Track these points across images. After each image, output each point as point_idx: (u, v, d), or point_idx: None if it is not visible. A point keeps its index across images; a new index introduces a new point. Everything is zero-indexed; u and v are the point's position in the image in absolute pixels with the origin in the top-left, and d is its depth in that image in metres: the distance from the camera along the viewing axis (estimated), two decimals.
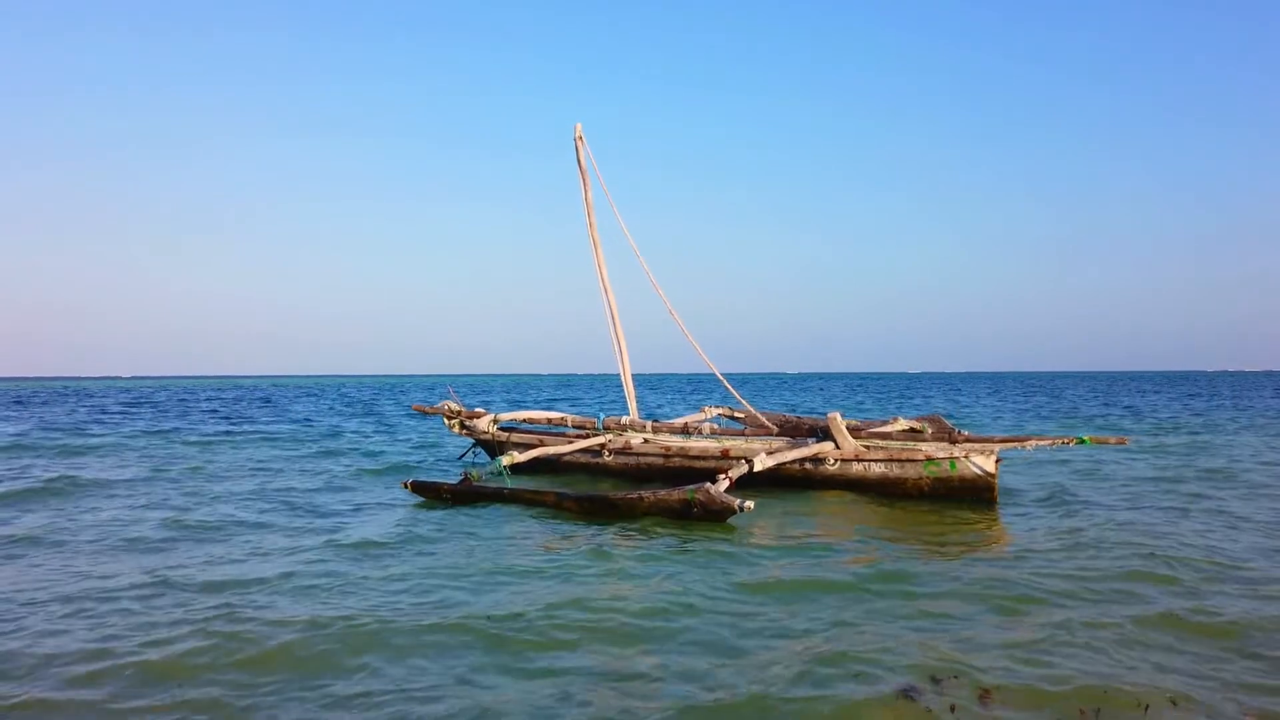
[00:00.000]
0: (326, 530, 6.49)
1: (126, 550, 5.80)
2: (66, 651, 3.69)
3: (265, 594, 4.59)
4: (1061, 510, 7.30)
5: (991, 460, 7.62)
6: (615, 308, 10.51)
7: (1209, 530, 6.40)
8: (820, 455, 7.98)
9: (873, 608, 4.31)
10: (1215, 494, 8.23)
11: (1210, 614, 4.14)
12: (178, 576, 4.96)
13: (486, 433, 10.42)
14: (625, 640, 3.84)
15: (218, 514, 7.20)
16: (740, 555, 5.52)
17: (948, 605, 4.33)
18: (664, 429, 9.66)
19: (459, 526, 6.58)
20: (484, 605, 4.31)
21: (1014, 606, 4.31)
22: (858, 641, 3.74)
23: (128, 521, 6.87)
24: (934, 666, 3.40)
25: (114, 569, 5.24)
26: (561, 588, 4.68)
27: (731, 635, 3.89)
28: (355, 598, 4.51)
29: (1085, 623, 3.97)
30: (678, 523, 6.57)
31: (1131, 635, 3.83)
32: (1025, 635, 3.82)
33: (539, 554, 5.57)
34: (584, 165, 10.35)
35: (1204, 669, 3.47)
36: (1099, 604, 4.37)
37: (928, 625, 4.02)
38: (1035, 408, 26.90)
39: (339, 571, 5.09)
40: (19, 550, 5.82)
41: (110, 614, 4.24)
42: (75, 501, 7.98)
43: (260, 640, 3.76)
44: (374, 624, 3.97)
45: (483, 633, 3.87)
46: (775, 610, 4.27)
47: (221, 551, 5.75)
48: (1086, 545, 5.74)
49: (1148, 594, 4.56)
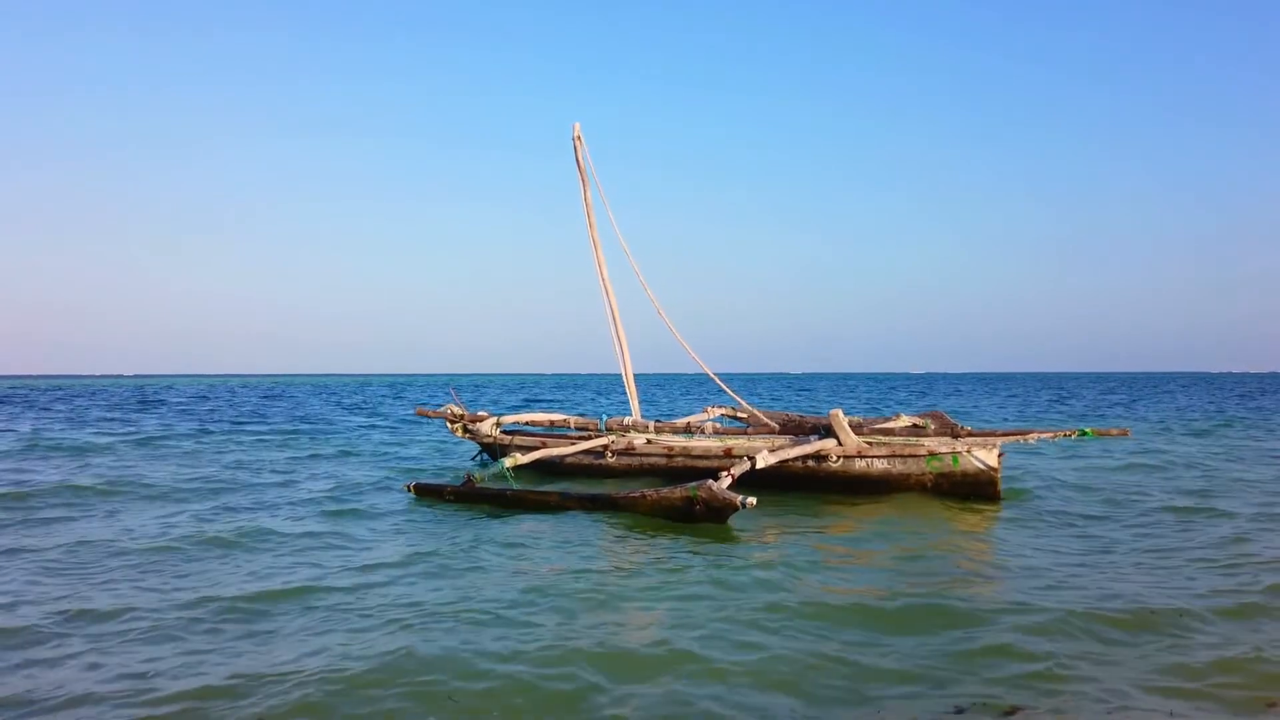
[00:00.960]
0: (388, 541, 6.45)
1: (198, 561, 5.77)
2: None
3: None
4: (1067, 513, 7.30)
5: (994, 454, 7.62)
6: (616, 308, 10.52)
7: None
8: (823, 452, 7.97)
9: (882, 618, 4.18)
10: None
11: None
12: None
13: (489, 436, 10.42)
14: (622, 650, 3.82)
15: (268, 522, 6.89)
16: (741, 557, 5.51)
17: (959, 615, 4.25)
18: (666, 429, 9.66)
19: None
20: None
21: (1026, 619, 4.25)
22: (866, 656, 3.62)
23: (178, 527, 6.72)
24: (957, 691, 3.27)
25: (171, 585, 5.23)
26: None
27: (729, 646, 3.74)
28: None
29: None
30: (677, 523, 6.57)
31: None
32: (1045, 656, 3.64)
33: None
34: (583, 165, 10.36)
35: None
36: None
37: (938, 636, 3.88)
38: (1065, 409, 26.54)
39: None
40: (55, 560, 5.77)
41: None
42: (114, 503, 7.85)
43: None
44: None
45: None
46: (783, 620, 4.13)
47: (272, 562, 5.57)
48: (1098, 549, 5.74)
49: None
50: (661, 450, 8.85)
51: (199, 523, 6.86)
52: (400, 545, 5.97)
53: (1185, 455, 11.51)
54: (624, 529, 6.40)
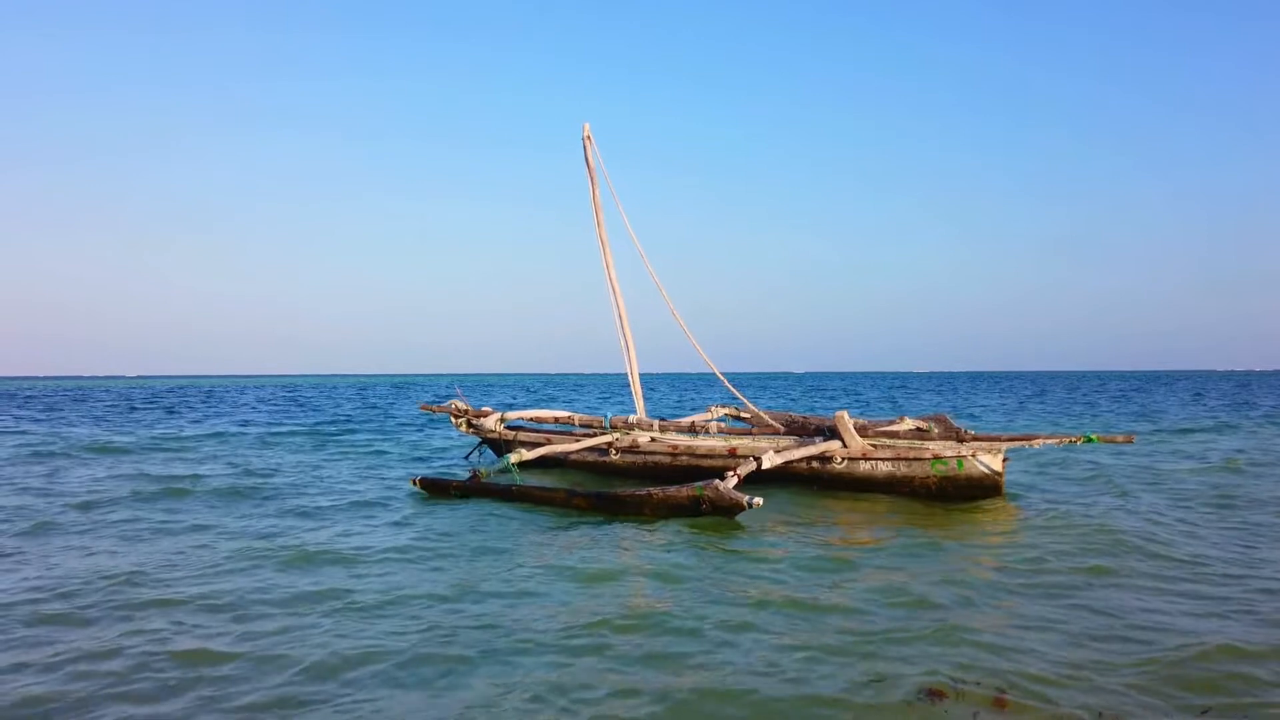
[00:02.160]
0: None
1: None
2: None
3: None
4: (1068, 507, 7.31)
5: (998, 459, 7.64)
6: (623, 307, 10.54)
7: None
8: (828, 454, 7.99)
9: (886, 610, 4.26)
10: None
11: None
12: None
13: (493, 431, 10.44)
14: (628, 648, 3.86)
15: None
16: (749, 555, 5.54)
17: (961, 609, 4.31)
18: (671, 428, 9.68)
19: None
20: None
21: (1030, 610, 4.31)
22: (875, 643, 3.71)
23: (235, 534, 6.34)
24: (952, 670, 3.37)
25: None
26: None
27: (743, 638, 3.84)
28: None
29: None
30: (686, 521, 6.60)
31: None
32: (1040, 642, 3.76)
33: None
34: (592, 165, 10.39)
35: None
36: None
37: (943, 628, 3.95)
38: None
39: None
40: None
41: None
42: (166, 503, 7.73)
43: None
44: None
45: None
46: (786, 612, 4.21)
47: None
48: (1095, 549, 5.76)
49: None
50: (666, 449, 8.87)
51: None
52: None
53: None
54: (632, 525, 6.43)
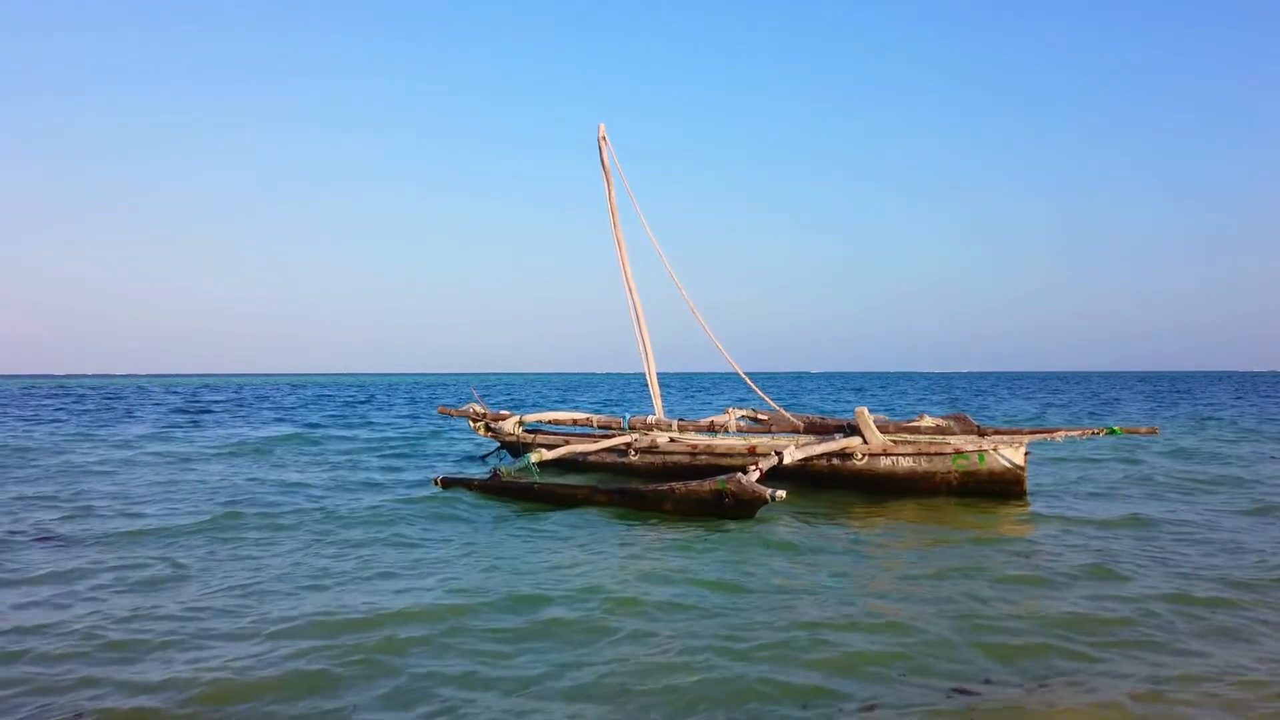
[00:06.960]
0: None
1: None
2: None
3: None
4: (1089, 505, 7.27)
5: (1020, 453, 7.59)
6: (640, 307, 10.53)
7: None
8: (848, 450, 7.97)
9: (913, 606, 4.20)
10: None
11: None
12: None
13: (512, 434, 10.45)
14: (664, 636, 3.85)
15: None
16: (772, 551, 5.52)
17: (986, 604, 4.25)
18: (690, 428, 9.66)
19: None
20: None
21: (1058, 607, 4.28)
22: (902, 641, 3.65)
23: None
24: (978, 668, 3.33)
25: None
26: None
27: (769, 632, 3.78)
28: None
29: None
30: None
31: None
32: (1070, 640, 3.69)
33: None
34: (607, 165, 10.40)
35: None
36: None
37: (966, 623, 3.90)
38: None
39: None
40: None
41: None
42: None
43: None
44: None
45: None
46: (812, 607, 4.17)
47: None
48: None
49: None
50: (685, 449, 8.84)
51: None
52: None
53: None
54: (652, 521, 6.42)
